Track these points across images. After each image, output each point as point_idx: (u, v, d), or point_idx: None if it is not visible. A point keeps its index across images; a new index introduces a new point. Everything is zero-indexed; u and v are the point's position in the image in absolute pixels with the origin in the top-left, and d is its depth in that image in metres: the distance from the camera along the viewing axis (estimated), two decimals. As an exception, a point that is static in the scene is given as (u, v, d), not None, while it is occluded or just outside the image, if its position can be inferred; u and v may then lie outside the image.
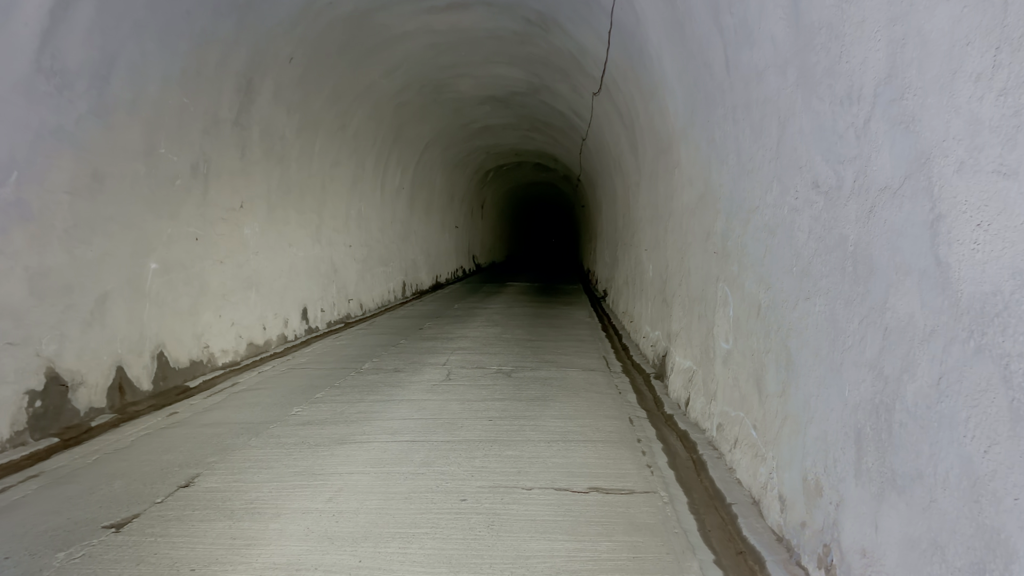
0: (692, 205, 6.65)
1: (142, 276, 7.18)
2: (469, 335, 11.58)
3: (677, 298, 7.51)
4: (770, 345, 4.28)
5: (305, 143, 11.32)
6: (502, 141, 23.12)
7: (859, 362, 3.03)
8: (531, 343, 10.70)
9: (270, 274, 10.34)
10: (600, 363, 9.19)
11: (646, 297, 9.99)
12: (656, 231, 8.99)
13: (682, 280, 7.22)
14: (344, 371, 8.57)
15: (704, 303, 6.14)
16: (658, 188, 8.73)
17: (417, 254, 20.47)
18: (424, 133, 17.96)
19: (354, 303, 14.34)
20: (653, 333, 9.19)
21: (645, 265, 10.12)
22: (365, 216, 15.26)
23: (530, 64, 13.08)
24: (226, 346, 8.97)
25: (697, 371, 6.41)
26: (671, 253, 7.93)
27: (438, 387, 7.60)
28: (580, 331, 12.13)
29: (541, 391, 7.41)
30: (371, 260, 15.74)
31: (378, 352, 9.95)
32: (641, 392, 7.56)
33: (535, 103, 16.65)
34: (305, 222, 11.74)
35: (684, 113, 6.64)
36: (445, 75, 14.27)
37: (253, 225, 9.78)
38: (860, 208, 3.05)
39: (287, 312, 10.95)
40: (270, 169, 10.22)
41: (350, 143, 13.42)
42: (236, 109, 8.91)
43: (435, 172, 21.45)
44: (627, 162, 11.68)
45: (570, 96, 13.94)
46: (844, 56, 3.16)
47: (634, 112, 9.51)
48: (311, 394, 7.33)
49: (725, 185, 5.37)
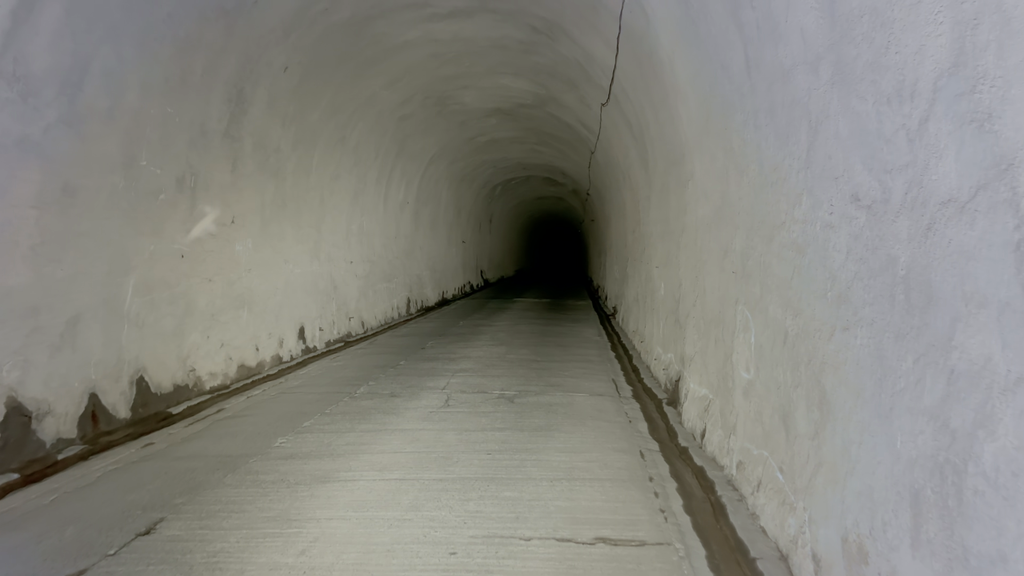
0: (707, 220, 6.16)
1: (120, 296, 6.74)
2: (472, 355, 11.09)
3: (691, 319, 7.02)
4: (799, 379, 3.78)
5: (302, 156, 10.90)
6: (509, 155, 22.70)
7: (915, 409, 2.53)
8: (537, 364, 10.21)
9: (264, 292, 9.90)
10: (609, 387, 8.69)
11: (657, 316, 9.50)
12: (668, 247, 8.51)
13: (696, 300, 6.73)
14: (337, 395, 8.09)
15: (721, 327, 5.65)
16: (670, 202, 8.25)
17: (422, 270, 20.03)
18: (429, 147, 17.55)
19: (355, 321, 13.88)
20: (665, 355, 8.69)
21: (656, 283, 9.63)
22: (367, 231, 14.83)
23: (536, 75, 12.65)
24: (214, 369, 8.51)
25: (714, 400, 5.91)
26: (684, 271, 7.45)
27: (435, 414, 7.11)
28: (588, 351, 11.63)
29: (545, 419, 6.92)
30: (373, 276, 15.30)
31: (375, 374, 9.47)
32: (653, 420, 7.05)
33: (542, 116, 16.23)
34: (303, 238, 11.31)
35: (698, 121, 6.17)
36: (449, 87, 13.86)
37: (245, 241, 9.34)
38: (914, 225, 2.56)
39: (282, 332, 10.50)
40: (264, 183, 9.80)
41: (351, 156, 13.00)
42: (226, 120, 8.49)
43: (441, 186, 21.04)
44: (637, 175, 11.22)
45: (578, 108, 13.50)
46: (893, 46, 2.68)
47: (644, 122, 9.05)
48: (299, 422, 6.86)
49: (745, 198, 4.88)
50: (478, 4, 9.78)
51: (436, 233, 21.59)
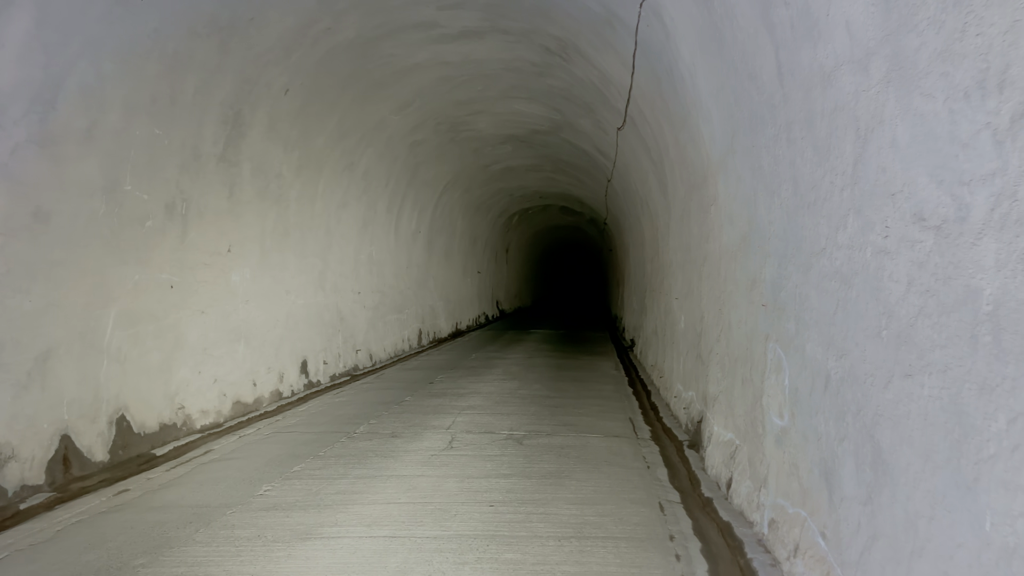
0: (732, 247, 5.63)
1: (99, 329, 6.28)
2: (482, 391, 10.55)
3: (715, 356, 6.46)
4: (846, 431, 3.23)
5: (307, 183, 10.49)
6: (525, 183, 22.29)
7: (1013, 484, 1.98)
8: (550, 401, 9.65)
9: (263, 324, 9.43)
10: (626, 427, 8.11)
11: (677, 351, 8.93)
12: (689, 277, 7.96)
13: (720, 335, 6.18)
14: (335, 436, 7.57)
15: (750, 365, 5.09)
16: (691, 229, 7.72)
17: (436, 300, 19.56)
18: (442, 174, 17.15)
19: (363, 354, 13.39)
20: (686, 393, 8.11)
21: (676, 315, 9.08)
22: (377, 261, 14.39)
23: (551, 99, 12.22)
24: (206, 406, 8.02)
25: (741, 447, 5.33)
26: (707, 303, 6.90)
27: (437, 458, 6.57)
28: (604, 386, 11.05)
29: (556, 464, 6.36)
30: (383, 307, 14.83)
31: (378, 411, 8.95)
32: (673, 466, 6.47)
33: (557, 142, 15.80)
34: (307, 267, 10.86)
35: (722, 139, 5.66)
36: (461, 112, 13.47)
37: (243, 271, 8.90)
38: (1005, 249, 2.03)
39: (283, 366, 10.02)
40: (264, 210, 9.37)
41: (359, 184, 12.59)
42: (222, 143, 8.08)
43: (455, 215, 20.63)
44: (655, 202, 10.71)
45: (594, 133, 13.05)
46: (971, 27, 2.16)
47: (662, 145, 8.56)
48: (289, 466, 6.34)
49: (776, 222, 4.35)
50: (488, 24, 9.38)
51: (450, 263, 21.15)
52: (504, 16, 9.03)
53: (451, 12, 8.96)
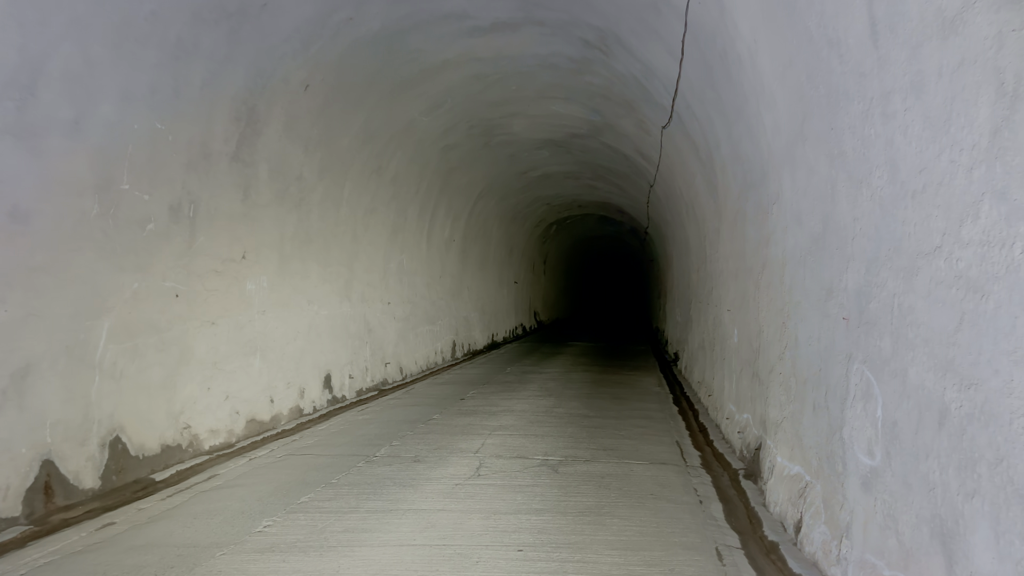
0: (801, 251, 4.86)
1: (90, 342, 5.69)
2: (516, 408, 9.84)
3: (776, 376, 5.68)
4: (977, 486, 2.46)
5: (330, 186, 9.90)
6: (563, 191, 21.59)
7: None
8: (588, 421, 8.90)
9: (281, 336, 8.83)
10: (672, 452, 7.34)
11: (729, 368, 8.13)
12: (743, 287, 7.19)
13: (784, 353, 5.40)
14: (352, 459, 6.91)
15: (824, 389, 4.32)
16: (746, 233, 6.95)
17: (470, 311, 18.91)
18: (476, 181, 16.52)
19: (392, 367, 12.76)
20: (740, 415, 7.32)
21: (727, 328, 8.28)
22: (408, 270, 13.77)
23: (590, 98, 11.51)
24: (216, 425, 7.43)
25: (812, 484, 4.55)
26: (766, 315, 6.12)
27: (461, 488, 5.87)
28: (648, 404, 10.27)
29: (595, 498, 5.62)
30: (415, 319, 14.21)
31: (403, 431, 8.28)
32: (729, 500, 5.70)
33: (597, 146, 15.08)
34: (330, 276, 10.26)
35: (789, 126, 4.91)
36: (495, 114, 12.82)
37: (259, 279, 8.31)
38: None
39: (304, 380, 9.41)
40: (283, 215, 8.79)
41: (388, 189, 11.99)
42: (235, 142, 7.51)
43: (491, 224, 19.98)
44: (703, 206, 9.93)
45: (635, 134, 12.30)
46: None
47: (713, 142, 7.80)
48: (296, 496, 5.68)
49: (864, 218, 3.59)
50: (523, 15, 8.71)
51: (486, 273, 20.50)
52: (539, 5, 8.36)
53: (483, 1, 8.32)
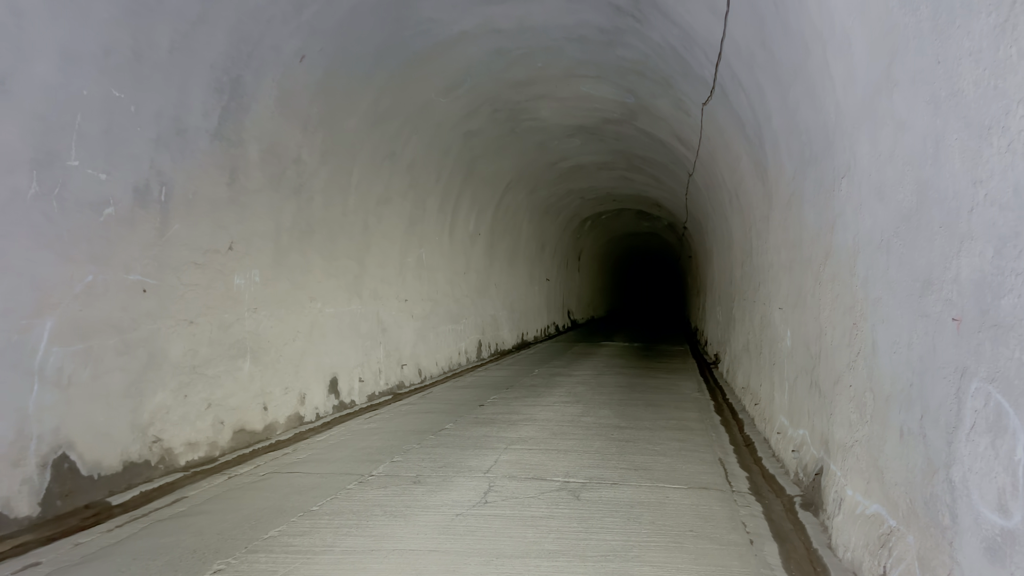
0: (883, 233, 3.84)
1: (26, 344, 4.85)
2: (539, 417, 8.87)
3: (844, 388, 4.65)
4: None
5: (335, 172, 9.02)
6: (597, 184, 20.55)
7: None
8: (619, 433, 7.91)
9: (277, 337, 7.97)
10: (715, 472, 6.33)
11: (780, 375, 7.09)
12: (799, 282, 6.14)
13: (857, 360, 4.37)
14: (344, 479, 6.02)
15: (920, 412, 3.30)
16: (803, 218, 5.91)
17: (498, 309, 17.97)
18: (504, 171, 15.58)
19: (409, 369, 11.86)
20: (794, 431, 6.28)
21: (779, 329, 7.24)
22: (428, 265, 12.87)
23: (622, 75, 10.50)
24: (195, 437, 6.57)
25: (901, 533, 3.53)
26: (829, 315, 5.09)
27: (462, 520, 4.92)
28: (686, 413, 9.24)
29: (623, 535, 4.64)
30: (436, 317, 13.30)
31: (409, 444, 7.36)
32: (785, 539, 4.68)
33: (631, 133, 14.04)
34: (337, 270, 9.39)
35: (869, 72, 3.88)
36: (521, 96, 11.85)
37: (250, 273, 7.45)
38: None
39: (304, 385, 8.54)
40: (279, 202, 7.92)
41: (403, 176, 11.09)
42: (217, 116, 6.65)
43: (520, 217, 19.03)
44: (749, 192, 8.87)
45: (673, 116, 11.26)
46: None
47: (763, 114, 6.76)
48: (265, 528, 4.79)
49: (993, 179, 2.57)
50: (545, -24, 7.76)
51: (515, 269, 19.55)
52: (563, -38, 7.40)
53: (499, -41, 7.38)
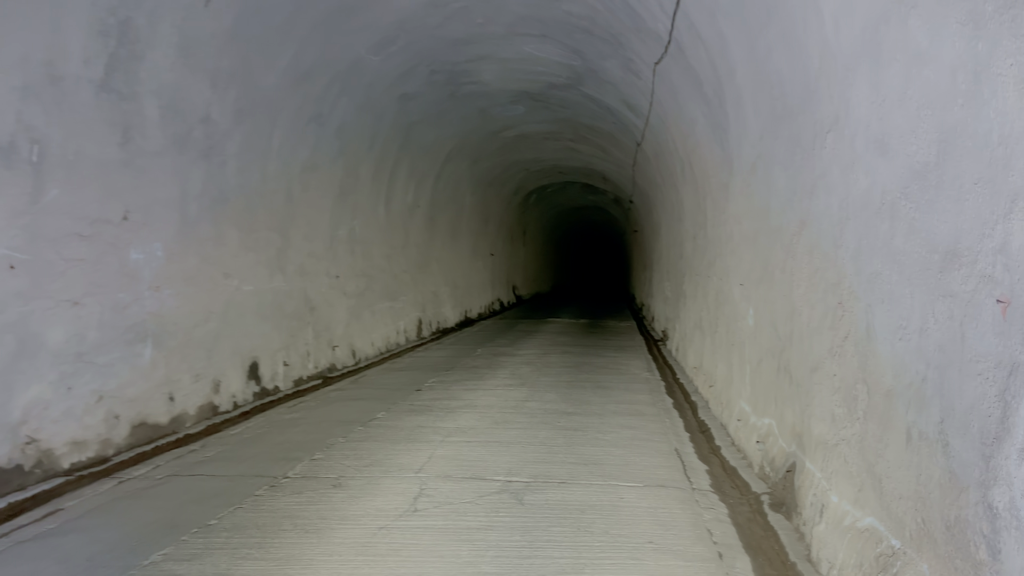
0: (886, 195, 3.20)
1: None
2: (480, 403, 8.18)
3: (826, 376, 4.03)
4: None
5: (252, 134, 8.13)
6: (542, 155, 19.83)
7: None
8: (566, 420, 7.27)
9: (185, 318, 7.10)
10: (672, 466, 5.72)
11: (741, 357, 6.51)
12: (766, 254, 5.53)
13: (844, 346, 3.75)
14: (254, 483, 5.24)
15: (939, 414, 2.68)
16: (772, 182, 5.28)
17: (440, 286, 17.20)
18: (444, 139, 14.74)
19: (342, 351, 11.05)
20: (759, 419, 5.70)
21: (739, 306, 6.64)
22: (362, 239, 12.02)
23: (569, 34, 9.76)
24: (83, 434, 5.72)
25: (909, 557, 2.92)
26: (805, 291, 4.47)
27: (386, 534, 4.21)
28: (637, 396, 8.65)
29: (572, 551, 3.97)
30: (371, 294, 12.48)
31: (333, 437, 6.61)
32: (758, 550, 4.07)
33: (578, 100, 13.33)
34: (256, 244, 8.52)
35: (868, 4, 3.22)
36: (460, 57, 11.03)
37: (150, 246, 6.57)
38: None
39: (219, 371, 7.69)
40: (186, 166, 7.03)
41: (332, 141, 10.21)
42: (103, 65, 5.74)
43: (463, 189, 18.22)
44: (705, 157, 8.24)
45: (622, 80, 10.57)
46: None
47: (724, 69, 6.10)
48: (147, 550, 4.00)
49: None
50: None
51: (457, 244, 18.76)
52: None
53: None
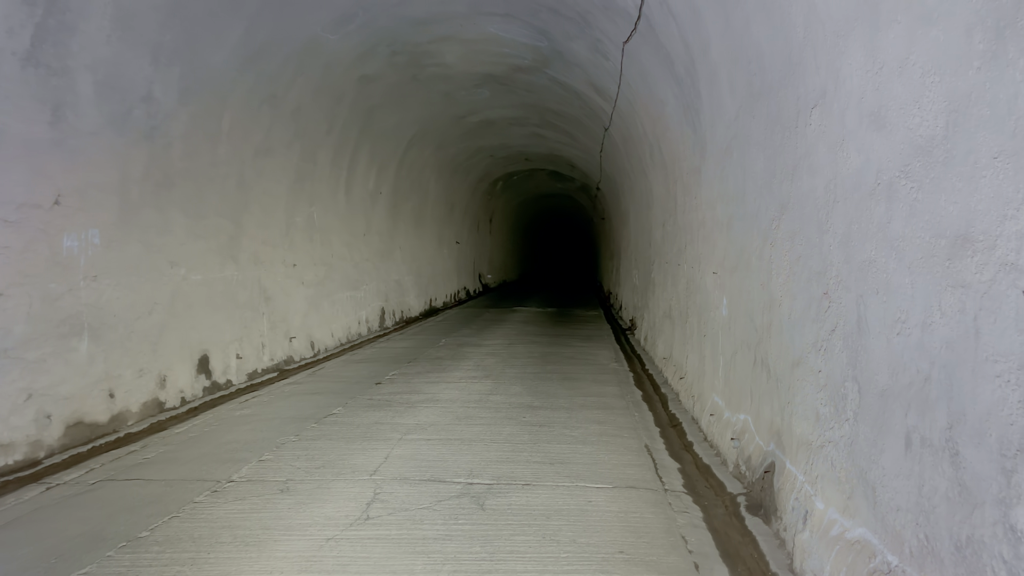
0: (881, 174, 2.91)
1: None
2: (442, 396, 7.84)
3: (808, 371, 3.75)
4: None
5: (200, 115, 7.68)
6: (509, 141, 19.46)
7: None
8: (532, 414, 6.96)
9: (126, 309, 6.67)
10: (643, 464, 5.43)
11: (714, 348, 6.24)
12: (742, 241, 5.24)
13: (830, 339, 3.47)
14: (194, 488, 4.86)
15: (945, 418, 2.40)
16: (749, 164, 4.99)
17: (404, 274, 16.80)
18: (406, 124, 14.32)
19: (300, 342, 10.64)
20: (734, 415, 5.43)
21: (712, 296, 6.37)
22: (321, 226, 11.59)
23: (534, 13, 9.40)
24: (10, 436, 5.29)
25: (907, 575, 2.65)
26: (784, 281, 4.19)
27: (333, 546, 3.86)
28: (605, 388, 8.37)
29: (537, 564, 3.66)
30: (331, 283, 12.06)
31: (285, 435, 6.23)
32: (736, 558, 3.79)
33: (544, 84, 12.98)
34: (206, 231, 8.08)
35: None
36: (422, 37, 10.62)
37: (86, 233, 6.12)
38: None
39: (166, 365, 7.27)
40: (126, 148, 6.58)
41: (288, 124, 9.77)
42: (28, 36, 5.28)
43: (427, 176, 17.80)
44: (675, 140, 7.95)
45: (589, 61, 10.25)
46: None
47: (698, 45, 5.80)
48: (68, 570, 3.62)
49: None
50: None
51: (422, 231, 18.36)
52: None
53: None
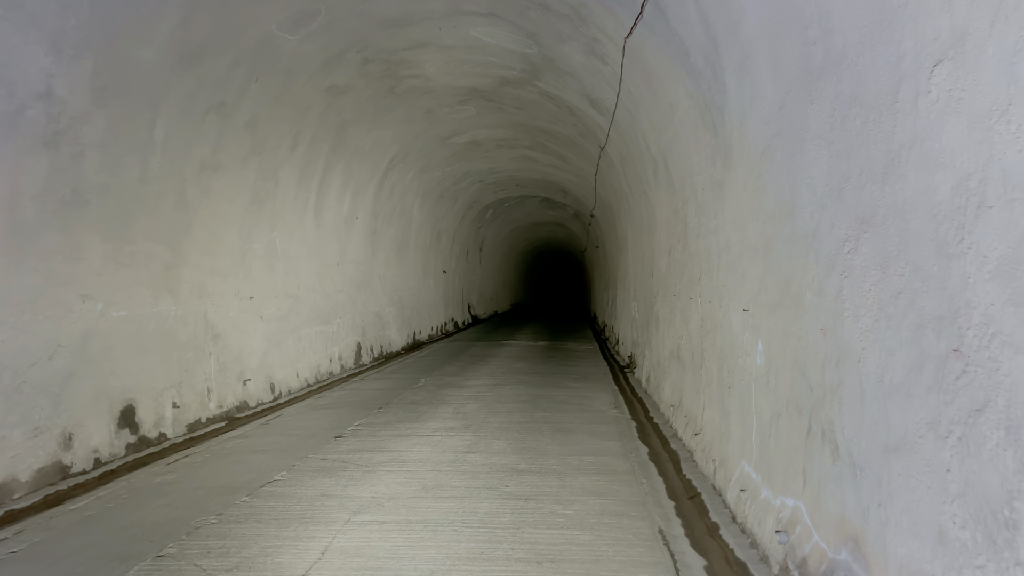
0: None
1: None
2: (410, 456, 6.56)
3: (918, 465, 2.51)
4: None
5: (123, 120, 6.46)
6: (498, 165, 18.31)
7: None
8: (516, 482, 5.68)
9: (16, 355, 5.39)
10: (659, 562, 4.15)
11: (744, 405, 4.98)
12: (790, 270, 4.00)
13: (970, 425, 2.22)
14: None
15: None
16: (802, 167, 3.76)
17: (384, 306, 15.54)
18: (385, 142, 13.14)
19: (257, 384, 9.34)
20: (778, 498, 4.16)
21: (740, 338, 5.11)
22: (285, 254, 10.35)
23: (521, 11, 8.25)
24: None
25: None
26: (866, 328, 2.96)
27: None
28: (605, 444, 7.09)
29: None
30: (297, 317, 10.79)
31: (205, 515, 4.94)
32: None
33: (534, 99, 11.84)
34: (133, 258, 6.83)
35: None
36: (397, 43, 9.47)
37: (-45, 261, 4.87)
38: None
39: (72, 421, 5.97)
40: (19, 157, 5.35)
41: (241, 137, 8.56)
42: None
43: (410, 201, 16.61)
44: (687, 151, 6.74)
45: (584, 67, 9.09)
46: None
47: (725, 23, 4.60)
48: None
49: None
50: None
51: (404, 260, 17.14)
52: None
53: None
